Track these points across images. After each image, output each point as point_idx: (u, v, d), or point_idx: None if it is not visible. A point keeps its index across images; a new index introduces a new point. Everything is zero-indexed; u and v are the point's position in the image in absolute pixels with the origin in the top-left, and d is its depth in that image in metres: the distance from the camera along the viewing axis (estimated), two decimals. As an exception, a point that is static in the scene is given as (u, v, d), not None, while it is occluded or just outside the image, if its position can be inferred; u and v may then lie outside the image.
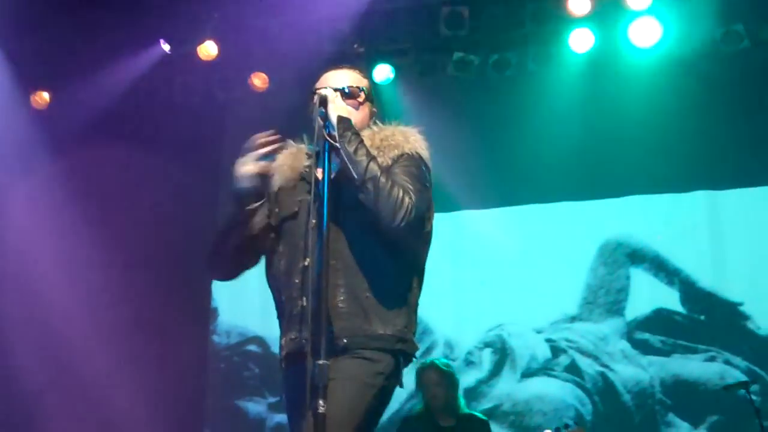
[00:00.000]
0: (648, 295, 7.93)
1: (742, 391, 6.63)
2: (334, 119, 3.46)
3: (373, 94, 3.83)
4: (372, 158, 3.43)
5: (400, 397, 7.36)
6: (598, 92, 7.88)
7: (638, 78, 7.79)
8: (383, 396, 3.47)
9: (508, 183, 8.07)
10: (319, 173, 3.44)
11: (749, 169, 7.76)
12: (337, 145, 3.41)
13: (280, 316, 3.62)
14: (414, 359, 3.62)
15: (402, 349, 3.50)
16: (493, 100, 7.95)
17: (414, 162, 3.58)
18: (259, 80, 8.04)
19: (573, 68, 7.78)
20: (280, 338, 3.58)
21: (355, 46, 7.70)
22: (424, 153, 3.64)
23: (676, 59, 7.64)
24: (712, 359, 7.67)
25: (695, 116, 7.68)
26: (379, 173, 3.41)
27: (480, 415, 6.39)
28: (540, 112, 7.86)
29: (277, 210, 3.69)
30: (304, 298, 3.41)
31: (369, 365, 3.42)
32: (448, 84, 8.03)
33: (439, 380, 6.39)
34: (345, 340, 3.39)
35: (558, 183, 7.95)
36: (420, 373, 6.48)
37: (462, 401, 6.45)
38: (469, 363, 8.08)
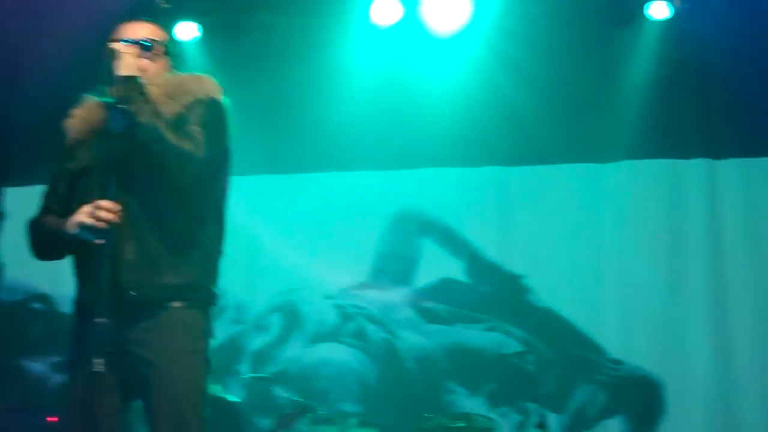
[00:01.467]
0: (436, 265, 8.16)
1: (518, 360, 6.95)
2: (122, 75, 3.42)
3: (172, 50, 3.79)
4: (157, 116, 3.40)
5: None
6: (399, 64, 8.01)
7: (438, 52, 7.97)
8: (208, 354, 3.51)
9: (306, 150, 8.11)
10: (111, 128, 3.39)
11: (537, 148, 8.08)
12: (124, 105, 3.37)
13: (76, 275, 3.57)
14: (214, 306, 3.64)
15: (199, 297, 3.51)
16: (297, 65, 7.94)
17: (207, 108, 3.56)
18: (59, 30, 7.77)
19: (376, 38, 7.89)
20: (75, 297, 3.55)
21: (159, 0, 7.53)
22: (219, 97, 3.63)
23: (477, 36, 7.85)
24: (492, 329, 7.97)
25: (490, 93, 7.92)
26: (164, 132, 3.38)
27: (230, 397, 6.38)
28: (341, 81, 7.93)
29: (69, 166, 3.62)
30: (93, 258, 3.36)
31: (188, 331, 3.44)
32: (254, 46, 7.99)
33: None
34: (134, 293, 3.38)
35: (354, 152, 8.04)
36: None
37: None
38: (258, 326, 8.12)
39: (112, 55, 3.46)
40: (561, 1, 7.77)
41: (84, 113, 3.69)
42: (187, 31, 7.82)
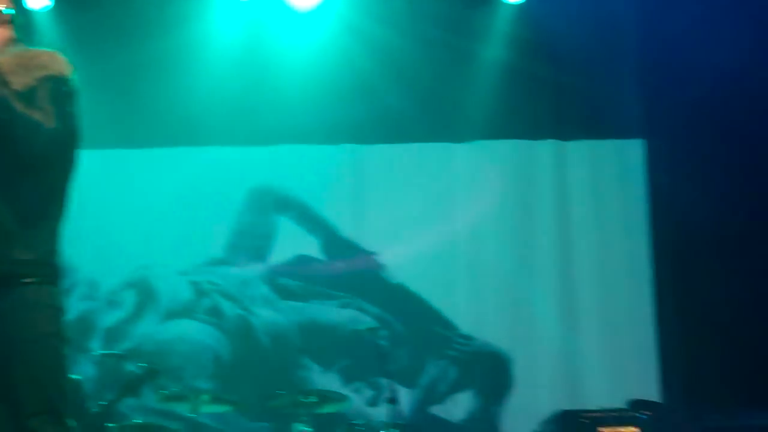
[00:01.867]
0: (291, 242, 8.18)
1: (371, 336, 7.05)
2: None
3: (19, 21, 3.71)
4: (4, 85, 3.34)
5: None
6: (257, 38, 7.97)
7: (297, 31, 7.96)
8: (66, 333, 3.47)
9: (163, 124, 7.99)
10: None
11: (393, 126, 8.17)
12: None
13: None
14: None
15: (49, 273, 3.48)
16: (153, 38, 7.81)
17: (58, 84, 3.50)
18: None
19: (233, 13, 7.84)
20: None
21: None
22: (70, 75, 3.60)
23: (334, 12, 7.87)
24: (346, 305, 8.05)
25: (347, 70, 7.95)
26: (12, 101, 3.33)
27: None
28: (198, 55, 7.85)
29: None
30: None
31: (47, 312, 3.40)
32: (108, 17, 7.82)
33: None
34: None
35: (211, 128, 7.98)
36: None
37: None
38: (111, 303, 8.00)
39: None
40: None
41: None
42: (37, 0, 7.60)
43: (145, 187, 8.06)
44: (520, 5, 7.94)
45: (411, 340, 7.99)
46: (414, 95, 8.08)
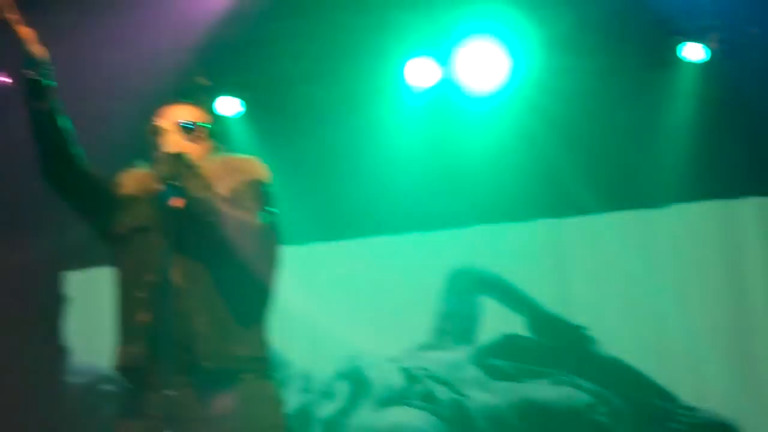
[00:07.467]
0: (497, 321, 8.11)
1: (590, 412, 6.87)
2: (168, 152, 3.51)
3: (216, 131, 3.86)
4: (209, 189, 3.48)
5: None
6: (441, 123, 8.05)
7: (476, 110, 7.99)
8: (287, 425, 3.60)
9: (357, 215, 8.13)
10: (170, 201, 3.47)
11: (586, 198, 8.03)
12: (175, 181, 3.44)
13: (119, 328, 3.61)
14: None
15: (266, 367, 3.59)
16: (338, 132, 8.03)
17: (260, 187, 3.69)
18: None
19: (413, 99, 7.93)
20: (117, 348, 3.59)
21: (200, 78, 7.54)
22: (269, 179, 3.73)
23: (515, 94, 7.86)
24: (560, 383, 7.88)
25: (531, 148, 7.90)
26: (218, 204, 3.46)
27: None
28: (383, 145, 7.97)
29: (127, 219, 3.69)
30: (147, 313, 3.45)
31: (268, 404, 3.53)
32: (295, 117, 8.08)
33: None
34: (207, 364, 3.44)
35: (405, 215, 8.06)
36: None
37: None
38: (325, 394, 8.10)
39: (157, 132, 3.59)
40: (595, 53, 7.73)
41: (135, 176, 3.78)
42: (228, 106, 7.88)
43: (345, 279, 8.18)
44: (704, 63, 7.70)
45: (630, 414, 7.73)
46: (604, 165, 7.92)
